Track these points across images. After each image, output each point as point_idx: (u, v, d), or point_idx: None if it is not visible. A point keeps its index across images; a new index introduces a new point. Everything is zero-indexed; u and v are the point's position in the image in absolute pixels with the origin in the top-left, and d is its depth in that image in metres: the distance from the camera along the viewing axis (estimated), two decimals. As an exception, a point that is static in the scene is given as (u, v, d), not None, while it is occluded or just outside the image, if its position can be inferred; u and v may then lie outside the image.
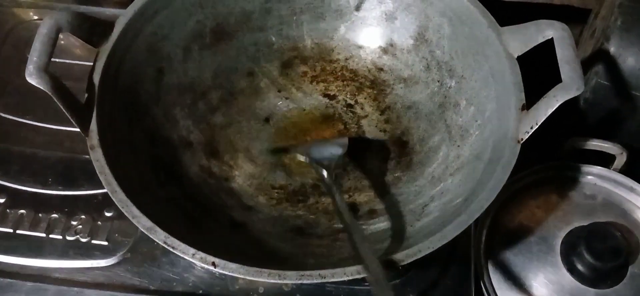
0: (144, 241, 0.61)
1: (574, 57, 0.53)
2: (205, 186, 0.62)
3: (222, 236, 0.57)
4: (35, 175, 0.66)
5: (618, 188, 0.66)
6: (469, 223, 0.50)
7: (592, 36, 0.77)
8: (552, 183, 0.67)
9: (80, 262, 0.61)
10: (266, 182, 0.65)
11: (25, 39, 0.77)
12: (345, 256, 0.55)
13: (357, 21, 0.72)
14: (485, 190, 0.51)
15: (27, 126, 0.70)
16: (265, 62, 0.72)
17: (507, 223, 0.65)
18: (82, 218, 0.63)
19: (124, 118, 0.59)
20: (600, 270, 0.58)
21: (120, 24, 0.60)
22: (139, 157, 0.59)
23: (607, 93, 0.68)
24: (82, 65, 0.73)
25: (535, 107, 0.53)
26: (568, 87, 0.51)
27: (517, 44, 0.58)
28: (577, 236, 0.60)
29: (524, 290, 0.61)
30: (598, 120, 0.70)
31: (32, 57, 0.52)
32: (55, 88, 0.52)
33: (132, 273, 0.60)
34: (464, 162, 0.60)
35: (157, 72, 0.64)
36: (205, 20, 0.67)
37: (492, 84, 0.60)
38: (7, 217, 0.63)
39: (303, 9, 0.71)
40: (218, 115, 0.68)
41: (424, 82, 0.68)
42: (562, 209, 0.65)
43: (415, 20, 0.69)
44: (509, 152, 0.53)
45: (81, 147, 0.55)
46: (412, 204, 0.60)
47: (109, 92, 0.57)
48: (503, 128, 0.56)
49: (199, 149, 0.65)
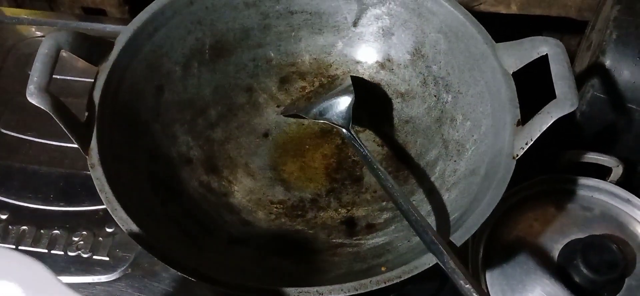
0: (145, 257, 0.62)
1: (568, 73, 0.54)
2: (204, 202, 0.63)
3: (221, 252, 0.58)
4: (37, 191, 0.67)
5: (615, 200, 0.66)
6: (466, 238, 0.50)
7: (589, 49, 0.77)
8: (549, 196, 0.67)
9: (82, 278, 0.62)
10: (265, 197, 0.66)
11: (27, 56, 0.78)
12: (343, 271, 0.56)
13: (355, 37, 0.72)
14: (481, 206, 0.52)
15: (29, 142, 0.71)
16: (263, 77, 0.72)
17: (505, 236, 0.65)
18: (83, 233, 0.64)
19: (124, 136, 0.59)
20: (597, 282, 0.58)
21: (120, 43, 0.60)
22: (139, 174, 0.59)
23: (603, 106, 0.68)
24: (84, 82, 0.74)
25: (530, 122, 0.54)
26: (562, 103, 0.52)
27: (512, 60, 0.59)
28: (574, 249, 0.60)
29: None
30: (594, 133, 0.70)
31: (32, 77, 0.52)
32: (56, 108, 0.52)
33: (134, 289, 0.61)
34: (460, 177, 0.60)
35: (157, 89, 0.65)
36: (204, 38, 0.68)
37: (487, 99, 0.60)
38: (9, 233, 0.64)
39: (301, 25, 0.71)
40: (217, 131, 0.69)
41: (421, 96, 0.69)
42: (559, 222, 0.65)
43: (412, 36, 0.69)
44: (504, 168, 0.54)
45: (82, 163, 0.56)
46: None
47: (109, 110, 0.58)
48: (499, 143, 0.56)
49: (198, 165, 0.65)
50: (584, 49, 0.81)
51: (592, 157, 0.67)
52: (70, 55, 0.56)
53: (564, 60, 0.55)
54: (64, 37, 0.55)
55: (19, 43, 0.80)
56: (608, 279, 0.58)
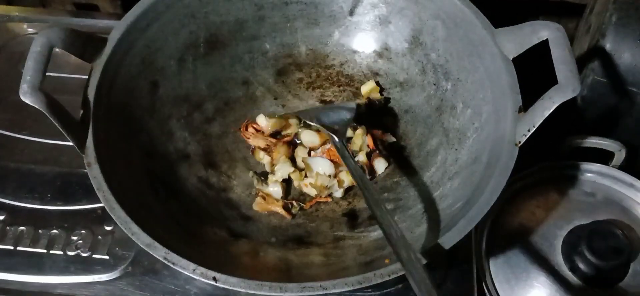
0: (145, 255, 0.61)
1: (570, 57, 0.53)
2: (203, 198, 0.62)
3: (222, 248, 0.57)
4: (34, 191, 0.66)
5: (618, 185, 0.66)
6: (469, 229, 0.49)
7: (588, 32, 0.76)
8: (552, 183, 0.67)
9: (82, 277, 0.61)
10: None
11: (19, 54, 0.77)
12: (347, 264, 0.55)
13: (351, 26, 0.71)
14: (484, 194, 0.51)
15: (24, 142, 0.70)
16: (260, 70, 0.71)
17: (508, 224, 0.64)
18: (82, 232, 0.63)
19: (120, 133, 0.59)
20: (603, 268, 0.58)
21: (113, 39, 0.59)
22: (136, 171, 0.59)
23: (604, 90, 0.68)
24: (78, 79, 0.73)
25: (532, 109, 0.53)
26: (564, 88, 0.51)
27: (512, 46, 0.58)
28: (578, 236, 0.60)
29: (526, 290, 0.61)
30: (596, 118, 0.70)
31: (25, 76, 0.51)
32: (50, 106, 0.52)
33: (134, 287, 0.60)
34: (462, 166, 0.60)
35: (152, 84, 0.64)
36: (199, 31, 0.67)
37: (488, 86, 0.60)
38: (6, 234, 0.63)
39: (296, 16, 0.71)
40: (214, 125, 0.68)
41: (420, 85, 0.68)
42: (562, 208, 0.65)
43: (409, 23, 0.68)
44: (507, 155, 0.53)
45: (79, 161, 0.55)
46: (412, 209, 0.60)
47: (103, 107, 0.57)
48: (500, 130, 0.56)
49: (196, 160, 0.65)
50: (583, 32, 0.80)
51: (595, 142, 0.67)
52: (63, 52, 0.55)
53: (564, 45, 0.54)
54: (56, 34, 0.54)
55: (11, 41, 0.79)
56: (614, 265, 0.58)
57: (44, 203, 0.65)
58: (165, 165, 0.62)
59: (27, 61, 0.52)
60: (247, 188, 0.65)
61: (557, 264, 0.61)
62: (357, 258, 0.56)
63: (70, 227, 0.64)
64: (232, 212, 0.62)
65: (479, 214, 0.50)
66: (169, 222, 0.56)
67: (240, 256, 0.57)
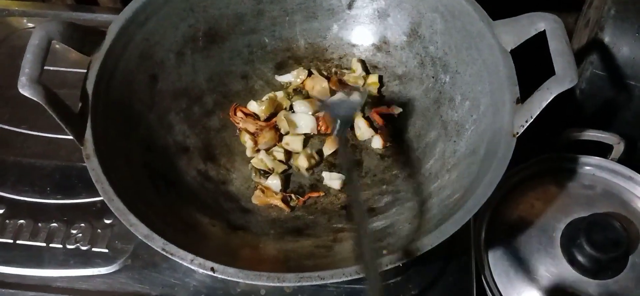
0: (145, 248, 0.61)
1: (567, 48, 0.53)
2: (202, 191, 0.62)
3: (220, 240, 0.57)
4: (33, 185, 0.66)
5: (616, 178, 0.66)
6: (467, 219, 0.49)
7: (587, 25, 0.76)
8: (551, 175, 0.67)
9: (81, 271, 0.61)
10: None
11: (19, 48, 0.76)
12: (344, 256, 0.55)
13: (350, 19, 0.71)
14: (482, 185, 0.51)
15: (23, 135, 0.70)
16: (259, 63, 0.71)
17: (507, 216, 0.64)
18: (81, 226, 0.63)
19: (118, 126, 0.59)
20: (601, 261, 0.58)
21: (111, 32, 0.59)
22: (135, 164, 0.59)
23: (603, 83, 0.68)
24: (77, 73, 0.73)
25: (529, 100, 0.53)
26: (561, 79, 0.51)
27: (509, 37, 0.58)
28: (577, 228, 0.60)
29: (525, 282, 0.61)
30: (594, 111, 0.70)
31: (24, 69, 0.51)
32: (49, 99, 0.52)
33: (134, 280, 0.60)
34: (460, 158, 0.60)
35: (151, 78, 0.64)
36: (197, 24, 0.67)
37: (486, 78, 0.60)
38: (6, 227, 0.63)
39: (295, 9, 0.71)
40: (213, 119, 0.68)
41: (419, 78, 0.68)
42: (561, 201, 0.65)
43: (407, 16, 0.68)
44: (505, 146, 0.53)
45: (78, 154, 0.55)
46: (411, 201, 0.60)
47: (102, 101, 0.57)
48: (498, 122, 0.56)
49: (195, 154, 0.65)
50: (582, 26, 0.80)
51: (593, 135, 0.67)
52: (62, 46, 0.55)
53: (562, 36, 0.54)
54: (55, 27, 0.54)
55: (10, 35, 0.79)
56: (612, 257, 0.58)
57: (44, 197, 0.66)
58: (165, 158, 0.62)
59: (26, 54, 0.52)
60: (246, 181, 0.65)
61: (556, 256, 0.61)
62: (355, 250, 0.56)
63: (69, 221, 0.64)
64: (231, 205, 0.62)
65: (476, 205, 0.50)
66: (168, 214, 0.57)
67: (239, 248, 0.57)
